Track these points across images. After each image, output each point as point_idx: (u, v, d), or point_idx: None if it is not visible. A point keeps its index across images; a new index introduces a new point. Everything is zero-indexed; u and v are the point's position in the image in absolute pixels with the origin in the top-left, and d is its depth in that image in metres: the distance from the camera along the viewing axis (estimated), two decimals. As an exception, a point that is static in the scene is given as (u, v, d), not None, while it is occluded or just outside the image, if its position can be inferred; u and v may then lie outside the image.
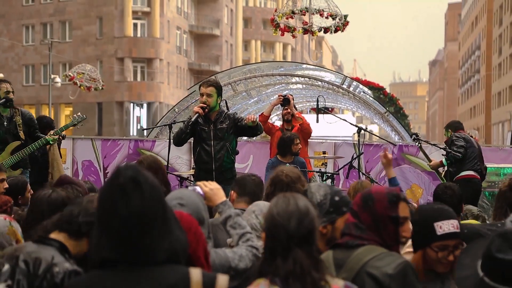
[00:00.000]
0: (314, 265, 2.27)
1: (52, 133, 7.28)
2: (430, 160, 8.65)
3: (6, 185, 4.78)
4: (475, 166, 8.18)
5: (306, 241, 2.30)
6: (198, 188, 3.32)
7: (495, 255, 2.53)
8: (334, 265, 2.66)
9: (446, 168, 8.37)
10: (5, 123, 7.20)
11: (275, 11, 11.03)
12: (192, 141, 7.04)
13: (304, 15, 10.67)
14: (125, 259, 2.05)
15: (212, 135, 6.63)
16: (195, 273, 2.12)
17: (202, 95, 6.68)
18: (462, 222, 4.55)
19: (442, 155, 8.34)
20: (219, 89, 6.75)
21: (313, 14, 10.49)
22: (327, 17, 10.51)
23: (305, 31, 10.60)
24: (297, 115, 9.04)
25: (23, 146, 7.24)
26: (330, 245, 2.88)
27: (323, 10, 10.41)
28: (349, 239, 2.73)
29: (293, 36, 11.49)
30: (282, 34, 11.26)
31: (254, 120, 6.54)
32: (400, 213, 2.78)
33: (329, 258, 2.69)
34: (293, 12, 10.58)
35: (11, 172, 6.92)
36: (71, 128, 7.88)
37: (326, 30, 10.70)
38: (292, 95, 9.19)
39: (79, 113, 7.87)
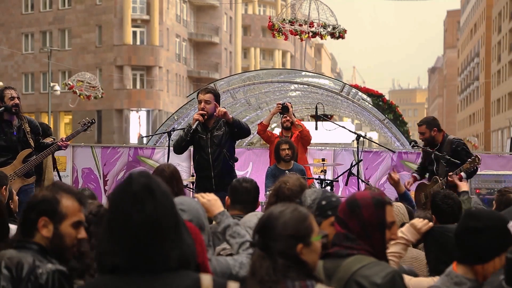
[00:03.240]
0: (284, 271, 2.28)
1: (64, 139, 7.26)
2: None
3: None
4: None
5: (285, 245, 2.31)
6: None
7: (508, 256, 2.44)
8: (324, 275, 2.64)
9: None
10: (14, 132, 7.11)
11: (269, 18, 11.24)
12: (192, 148, 7.07)
13: (293, 24, 10.83)
14: (137, 266, 2.05)
15: (209, 142, 6.64)
16: (206, 279, 2.13)
17: (200, 102, 6.69)
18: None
19: (441, 161, 7.91)
20: (217, 96, 6.77)
21: (300, 25, 10.62)
22: (318, 27, 10.72)
23: (314, 34, 10.77)
24: (296, 123, 9.06)
25: (33, 153, 7.22)
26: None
27: (312, 21, 10.58)
28: (339, 249, 2.69)
29: (301, 40, 11.68)
30: (286, 39, 11.41)
31: (221, 114, 6.56)
32: (387, 217, 2.72)
33: (319, 268, 2.66)
34: (284, 21, 10.74)
35: (25, 180, 6.94)
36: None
37: (332, 34, 10.95)
38: (290, 103, 9.22)
39: (86, 118, 7.77)
